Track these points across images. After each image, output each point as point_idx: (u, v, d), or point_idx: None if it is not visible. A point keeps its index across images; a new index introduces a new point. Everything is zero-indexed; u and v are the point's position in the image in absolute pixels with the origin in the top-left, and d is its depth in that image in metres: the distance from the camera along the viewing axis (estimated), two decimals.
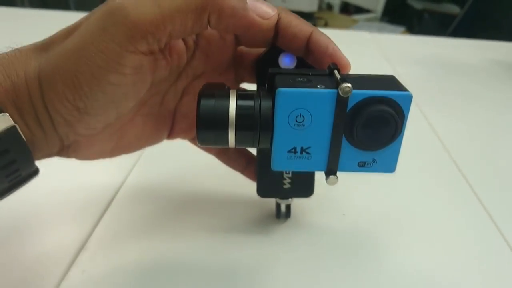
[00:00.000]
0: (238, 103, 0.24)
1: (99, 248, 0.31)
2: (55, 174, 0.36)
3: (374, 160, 0.25)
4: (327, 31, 0.29)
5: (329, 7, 2.07)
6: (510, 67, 0.77)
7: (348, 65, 0.27)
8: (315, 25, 1.13)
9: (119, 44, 0.22)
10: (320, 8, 1.95)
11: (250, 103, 0.24)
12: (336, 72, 0.25)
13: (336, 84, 0.24)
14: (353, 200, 0.38)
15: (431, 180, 0.42)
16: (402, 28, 1.81)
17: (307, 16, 1.72)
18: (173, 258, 0.31)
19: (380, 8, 2.01)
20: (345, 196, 0.38)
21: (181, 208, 0.35)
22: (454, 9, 2.21)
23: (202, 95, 0.25)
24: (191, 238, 0.32)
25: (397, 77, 0.28)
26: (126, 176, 0.38)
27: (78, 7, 2.32)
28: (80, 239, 0.31)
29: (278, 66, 0.30)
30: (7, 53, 0.24)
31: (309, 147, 0.25)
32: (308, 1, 1.83)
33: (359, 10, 2.09)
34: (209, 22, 0.24)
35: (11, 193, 0.24)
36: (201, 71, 0.30)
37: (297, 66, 0.30)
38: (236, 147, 0.25)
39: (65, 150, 0.26)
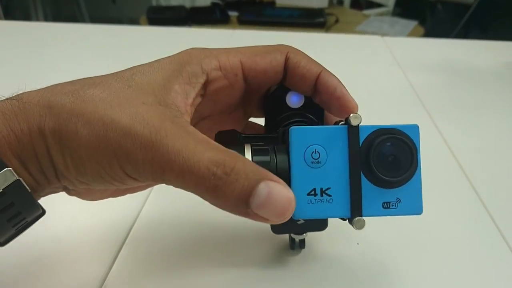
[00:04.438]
0: (254, 159, 0.25)
1: (117, 286, 0.32)
2: (69, 210, 0.37)
3: (399, 200, 0.25)
4: (336, 36, 0.30)
5: (340, 2, 2.05)
6: None
7: (356, 108, 0.28)
8: (325, 21, 1.12)
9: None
10: (330, 3, 1.93)
11: (265, 158, 0.25)
12: None
13: (346, 119, 0.25)
14: (366, 228, 0.37)
15: (446, 203, 0.42)
16: (414, 22, 1.78)
17: (317, 12, 1.70)
18: None
19: (392, 2, 1.99)
20: None
21: (195, 241, 0.36)
22: None
23: None
24: (207, 272, 0.33)
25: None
26: (140, 208, 0.39)
27: (92, 20, 2.34)
28: (98, 278, 0.32)
29: (286, 105, 0.31)
30: (10, 102, 0.23)
31: (329, 188, 0.25)
32: None
33: (370, 4, 2.06)
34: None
35: (18, 236, 0.25)
36: (207, 114, 0.30)
37: (304, 105, 0.30)
38: None
39: (68, 192, 0.27)
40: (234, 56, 0.27)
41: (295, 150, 0.25)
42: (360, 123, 0.24)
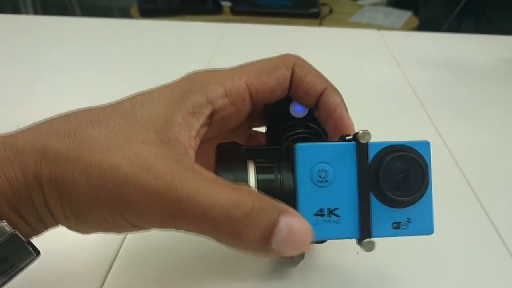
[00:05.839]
0: (258, 177, 0.24)
1: None
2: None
3: (409, 220, 0.25)
4: (332, 30, 0.29)
5: None
6: None
7: (352, 132, 0.27)
8: (319, 12, 1.10)
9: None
10: None
11: (270, 176, 0.24)
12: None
13: (354, 136, 0.24)
14: None
15: (443, 204, 0.41)
16: (409, 12, 1.77)
17: (311, 2, 1.68)
18: None
19: None
20: None
21: (191, 253, 0.35)
22: None
23: (219, 169, 0.24)
24: (204, 284, 0.32)
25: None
26: None
27: (82, 10, 2.30)
28: None
29: (289, 114, 0.30)
30: (3, 146, 0.22)
31: (336, 208, 0.24)
32: None
33: None
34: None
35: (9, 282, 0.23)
36: (211, 137, 0.28)
37: (308, 115, 0.29)
38: None
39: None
40: (240, 79, 0.25)
41: (301, 168, 0.23)
42: (369, 140, 0.23)
